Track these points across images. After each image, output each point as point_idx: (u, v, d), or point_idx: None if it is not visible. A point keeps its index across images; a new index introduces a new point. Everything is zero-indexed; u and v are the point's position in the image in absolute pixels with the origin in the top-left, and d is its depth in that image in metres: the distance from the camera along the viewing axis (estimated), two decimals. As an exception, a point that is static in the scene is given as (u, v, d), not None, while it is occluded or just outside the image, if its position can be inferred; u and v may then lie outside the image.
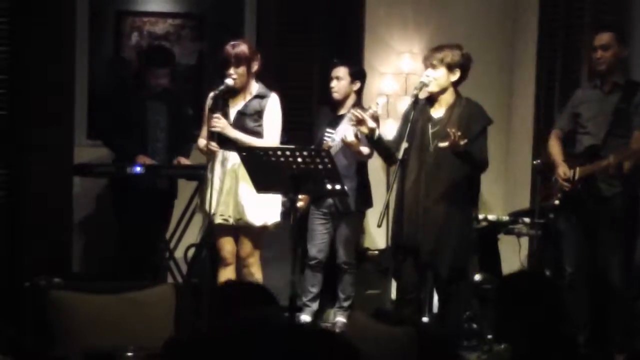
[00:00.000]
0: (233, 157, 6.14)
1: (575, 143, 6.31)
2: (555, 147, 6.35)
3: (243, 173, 6.07)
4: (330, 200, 6.72)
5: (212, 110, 6.20)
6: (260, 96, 6.27)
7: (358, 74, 6.87)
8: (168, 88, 7.23)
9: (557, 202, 6.29)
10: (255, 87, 6.30)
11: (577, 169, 6.12)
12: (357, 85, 6.84)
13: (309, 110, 7.44)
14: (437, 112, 5.91)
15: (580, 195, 6.14)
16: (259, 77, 6.34)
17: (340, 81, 6.80)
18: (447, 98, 5.91)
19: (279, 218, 6.33)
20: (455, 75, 5.88)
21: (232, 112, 6.28)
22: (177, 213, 7.35)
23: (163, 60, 7.22)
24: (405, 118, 5.97)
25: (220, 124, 6.16)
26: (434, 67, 5.85)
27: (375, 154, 6.57)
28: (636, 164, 5.96)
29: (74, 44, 7.19)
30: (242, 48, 6.23)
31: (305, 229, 6.86)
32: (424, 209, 5.82)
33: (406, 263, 5.90)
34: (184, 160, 7.13)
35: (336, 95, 6.82)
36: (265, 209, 6.21)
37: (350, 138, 6.26)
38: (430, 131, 5.84)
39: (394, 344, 4.47)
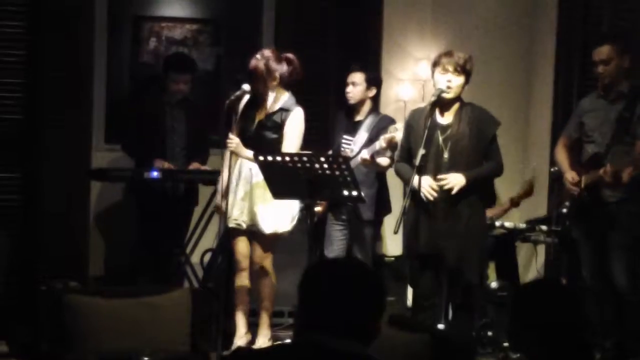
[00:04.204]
0: (247, 164, 6.14)
1: (582, 152, 6.33)
2: (561, 155, 6.41)
3: (257, 180, 6.07)
4: (348, 208, 6.70)
5: (229, 113, 6.19)
6: (284, 109, 6.24)
7: (374, 80, 6.84)
8: (187, 95, 7.24)
9: (564, 210, 6.30)
10: (282, 98, 6.25)
11: (583, 177, 6.13)
12: (373, 92, 6.81)
13: (325, 116, 7.43)
14: (445, 118, 5.89)
15: (586, 203, 6.14)
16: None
17: (356, 87, 6.77)
18: (454, 105, 5.89)
19: (290, 227, 6.29)
20: (467, 83, 5.87)
21: (255, 123, 6.26)
22: (193, 218, 7.37)
23: (183, 67, 7.23)
24: (410, 127, 5.96)
25: (233, 143, 6.15)
26: (457, 73, 5.79)
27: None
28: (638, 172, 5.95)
29: (92, 49, 7.22)
30: (256, 63, 6.20)
31: (323, 235, 6.85)
32: (443, 215, 5.80)
33: (424, 270, 5.88)
34: (197, 165, 7.14)
35: (351, 100, 6.80)
36: (277, 217, 6.19)
37: (366, 157, 6.32)
38: (441, 138, 5.83)
39: (409, 351, 4.46)
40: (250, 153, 6.08)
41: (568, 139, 6.43)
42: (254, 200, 6.16)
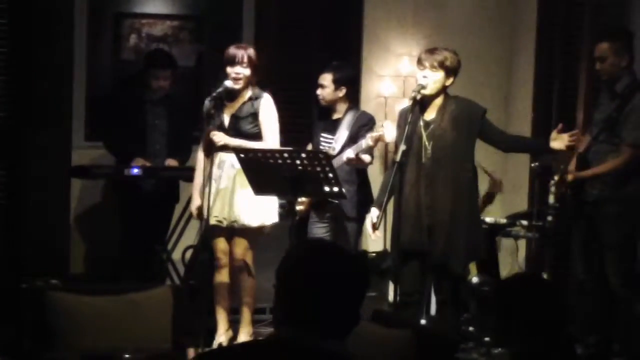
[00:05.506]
0: (230, 160, 6.14)
1: None
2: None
3: (240, 175, 6.08)
4: (332, 206, 6.69)
5: (211, 114, 6.20)
6: (253, 98, 6.28)
7: (342, 80, 6.75)
8: (169, 92, 7.23)
9: (552, 201, 6.31)
10: (248, 90, 6.31)
11: (569, 175, 6.14)
12: (343, 91, 6.73)
13: (307, 112, 7.43)
14: (429, 114, 5.89)
15: (573, 200, 6.16)
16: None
17: (325, 89, 6.72)
18: (438, 101, 5.89)
19: (277, 218, 6.33)
20: (450, 80, 5.86)
21: (227, 116, 6.29)
22: (175, 215, 7.36)
23: (163, 63, 7.23)
24: (398, 126, 5.96)
25: (218, 138, 6.17)
26: (433, 68, 5.80)
27: (375, 159, 6.58)
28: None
29: (72, 46, 7.19)
30: (252, 51, 6.25)
31: (305, 233, 6.84)
32: (427, 210, 5.81)
33: (408, 266, 5.88)
34: (172, 163, 7.13)
35: (322, 102, 6.78)
36: (262, 209, 6.22)
37: (352, 156, 6.29)
38: (425, 133, 5.84)
39: (392, 347, 4.47)
40: (239, 141, 6.13)
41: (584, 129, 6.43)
42: (235, 196, 6.16)
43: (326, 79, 6.70)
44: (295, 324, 2.70)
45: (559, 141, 5.82)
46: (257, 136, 6.25)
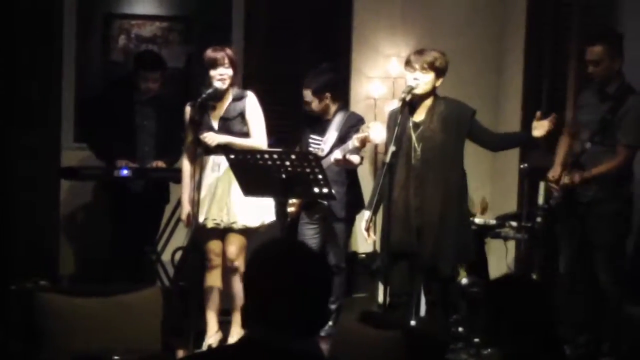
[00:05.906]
0: (225, 162, 6.15)
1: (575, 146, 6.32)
2: (560, 146, 6.34)
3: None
4: (322, 206, 6.69)
5: (195, 119, 6.21)
6: (237, 98, 6.31)
7: (322, 88, 6.75)
8: (158, 93, 7.22)
9: (541, 202, 6.32)
10: (230, 91, 6.35)
11: (564, 176, 6.13)
12: (328, 97, 6.76)
13: (296, 113, 7.43)
14: (419, 116, 5.90)
15: (565, 200, 6.17)
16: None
17: (310, 103, 6.76)
18: (427, 102, 5.90)
19: (274, 217, 6.34)
20: (439, 81, 5.87)
21: (214, 120, 6.29)
22: (164, 216, 7.35)
23: (152, 64, 7.21)
24: (388, 127, 5.97)
25: (210, 139, 6.18)
26: (424, 70, 5.81)
27: (365, 160, 6.57)
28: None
29: (61, 47, 7.18)
30: (230, 51, 6.28)
31: (296, 233, 6.85)
32: (416, 211, 5.81)
33: (397, 267, 5.88)
34: (160, 164, 7.11)
35: (314, 113, 6.81)
36: (260, 209, 6.25)
37: (339, 157, 6.29)
38: (414, 135, 5.85)
39: (381, 348, 4.47)
40: (230, 137, 6.14)
41: (571, 128, 6.41)
42: (232, 198, 6.18)
43: (307, 95, 6.75)
44: (265, 325, 2.69)
45: (539, 129, 5.85)
46: (248, 135, 6.29)
